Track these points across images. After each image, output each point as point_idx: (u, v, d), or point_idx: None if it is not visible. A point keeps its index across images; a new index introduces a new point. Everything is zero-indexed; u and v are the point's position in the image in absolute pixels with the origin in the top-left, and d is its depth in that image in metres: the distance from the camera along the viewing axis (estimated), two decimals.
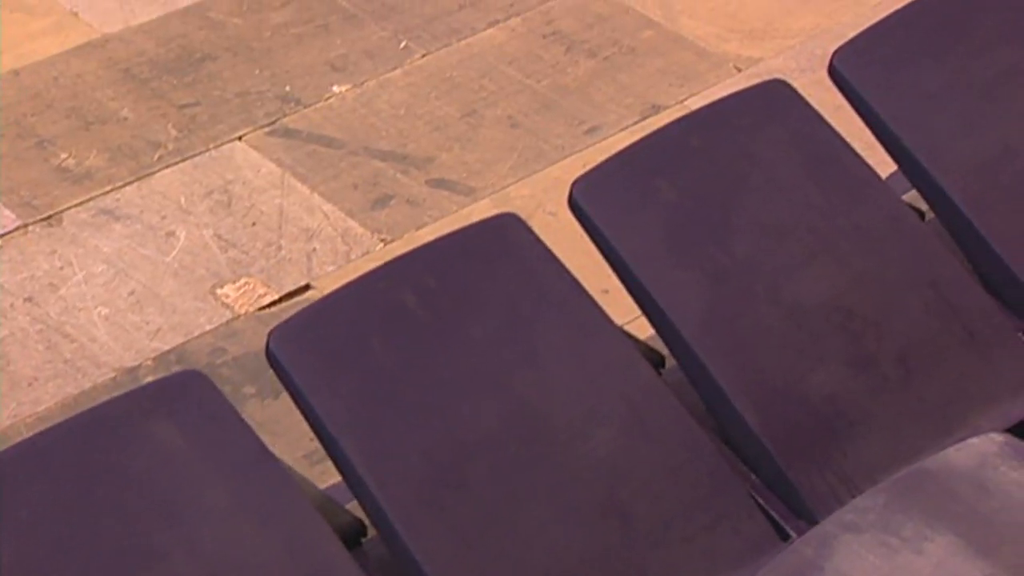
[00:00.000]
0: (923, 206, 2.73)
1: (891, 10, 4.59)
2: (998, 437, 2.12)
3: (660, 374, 2.54)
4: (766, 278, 2.51)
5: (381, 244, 3.94)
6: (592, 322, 2.51)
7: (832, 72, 2.74)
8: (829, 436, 2.42)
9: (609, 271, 4.00)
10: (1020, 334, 2.53)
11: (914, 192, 2.71)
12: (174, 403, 2.30)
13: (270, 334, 2.44)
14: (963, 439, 2.14)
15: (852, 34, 4.61)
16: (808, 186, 2.54)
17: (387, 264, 2.54)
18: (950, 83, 2.69)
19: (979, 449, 2.09)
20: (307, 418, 2.43)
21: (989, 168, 2.63)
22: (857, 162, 2.61)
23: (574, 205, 2.61)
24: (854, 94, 2.72)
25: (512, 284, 2.51)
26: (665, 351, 2.60)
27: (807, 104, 2.67)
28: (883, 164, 3.01)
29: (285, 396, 3.61)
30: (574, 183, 2.64)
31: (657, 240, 2.53)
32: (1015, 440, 2.11)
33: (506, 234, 2.56)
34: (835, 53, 2.75)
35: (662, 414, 2.43)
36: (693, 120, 2.62)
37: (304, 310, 2.49)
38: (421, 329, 2.44)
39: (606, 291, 3.96)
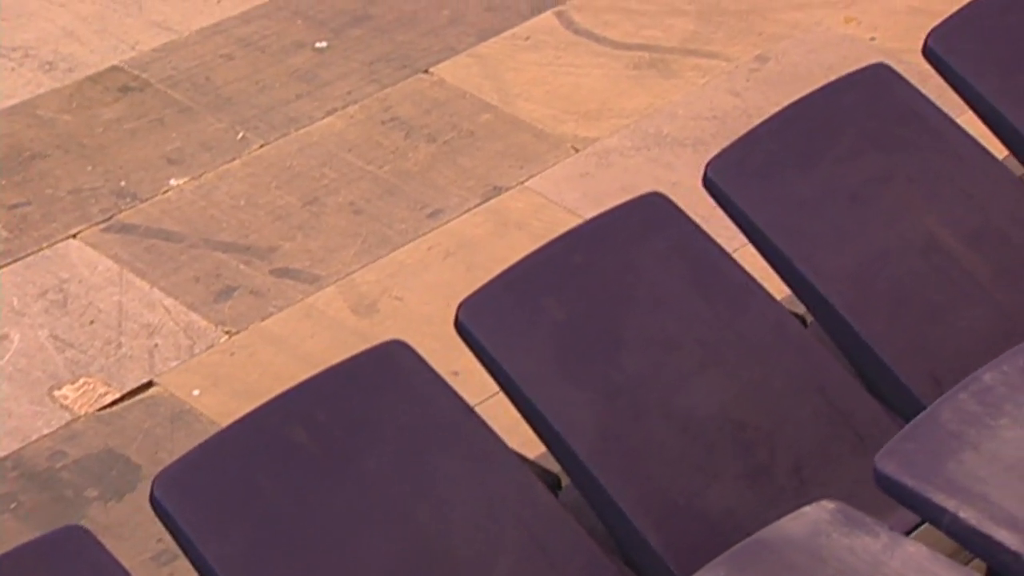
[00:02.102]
0: (802, 309, 2.71)
1: (718, 89, 4.66)
2: (830, 504, 2.11)
3: (557, 496, 2.47)
4: (658, 393, 2.45)
5: (226, 336, 3.81)
6: (487, 448, 2.42)
7: (707, 183, 2.71)
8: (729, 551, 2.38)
9: (459, 353, 3.93)
10: None
11: (790, 294, 2.70)
12: (56, 562, 2.15)
13: (154, 481, 2.30)
14: None
15: (682, 112, 4.66)
16: (693, 297, 2.50)
17: (274, 399, 2.41)
18: (822, 190, 2.67)
19: (812, 517, 2.08)
20: (196, 567, 2.29)
21: (865, 272, 2.62)
22: (737, 271, 2.57)
23: (461, 328, 2.52)
24: (729, 204, 2.68)
25: (404, 413, 2.41)
26: (559, 468, 2.54)
27: (685, 215, 2.63)
28: (733, 237, 2.97)
29: (130, 497, 3.49)
30: (460, 305, 2.55)
31: (547, 360, 2.45)
32: (846, 507, 2.11)
33: (394, 361, 2.46)
34: (709, 164, 2.72)
35: (562, 538, 2.35)
36: (575, 236, 2.55)
37: (188, 453, 2.35)
38: (313, 465, 2.32)
39: (456, 373, 3.88)
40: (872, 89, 2.81)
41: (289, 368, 3.78)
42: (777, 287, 2.85)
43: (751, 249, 2.87)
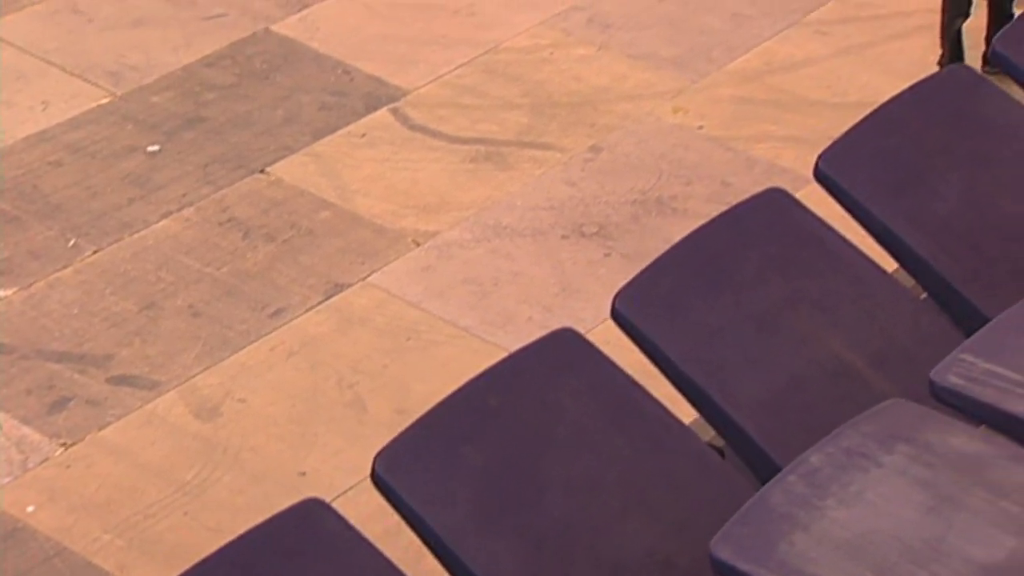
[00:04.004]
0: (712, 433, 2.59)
1: (554, 179, 4.51)
2: None
3: None
4: (583, 538, 2.28)
5: (61, 449, 3.49)
6: None
7: (616, 316, 2.56)
8: None
9: (306, 452, 3.72)
10: None
11: (698, 417, 2.58)
12: None
13: None
14: None
15: (520, 203, 4.53)
16: (612, 436, 2.33)
17: (192, 570, 2.19)
18: (730, 318, 2.51)
19: None
20: None
21: (778, 399, 2.46)
22: (654, 405, 2.43)
23: (379, 482, 2.32)
24: (639, 336, 2.54)
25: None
26: None
27: (597, 350, 2.47)
28: (584, 320, 2.80)
29: None
30: (377, 457, 2.34)
31: (469, 510, 2.24)
32: None
33: (312, 521, 2.24)
34: (617, 296, 2.56)
35: None
36: (489, 379, 2.35)
37: None
38: None
39: (303, 473, 3.68)
40: (769, 214, 2.70)
41: (129, 478, 3.49)
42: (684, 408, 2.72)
43: (609, 326, 2.71)
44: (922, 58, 4.67)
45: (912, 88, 2.94)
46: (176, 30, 4.80)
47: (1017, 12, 4.48)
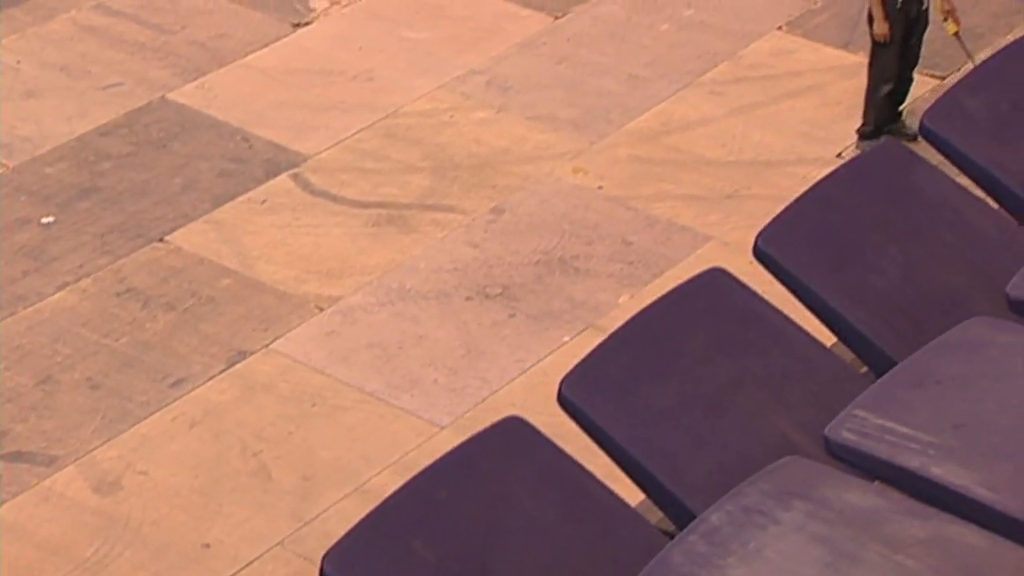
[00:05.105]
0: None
1: (457, 241, 4.40)
2: None
3: None
4: None
5: None
6: None
7: (562, 401, 2.44)
8: None
9: (210, 524, 3.52)
10: None
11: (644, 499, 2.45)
12: None
13: None
14: None
15: (424, 266, 4.40)
16: (562, 525, 2.20)
17: None
18: (676, 400, 2.45)
19: None
20: None
21: (727, 481, 2.29)
22: (603, 492, 2.30)
23: None
24: (587, 421, 2.39)
25: None
26: None
27: (546, 438, 2.33)
28: (486, 385, 2.70)
29: None
30: (326, 557, 2.19)
31: None
32: None
33: None
34: (563, 381, 2.43)
35: None
36: (437, 471, 2.25)
37: None
38: None
39: (207, 545, 3.52)
40: (710, 294, 2.59)
41: (25, 558, 3.29)
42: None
43: (515, 387, 2.59)
44: (812, 116, 4.66)
45: (846, 165, 2.90)
46: (70, 100, 4.65)
47: (916, 77, 4.51)
